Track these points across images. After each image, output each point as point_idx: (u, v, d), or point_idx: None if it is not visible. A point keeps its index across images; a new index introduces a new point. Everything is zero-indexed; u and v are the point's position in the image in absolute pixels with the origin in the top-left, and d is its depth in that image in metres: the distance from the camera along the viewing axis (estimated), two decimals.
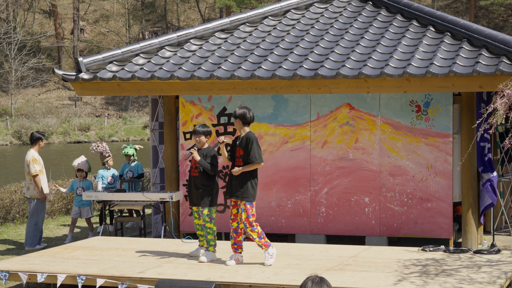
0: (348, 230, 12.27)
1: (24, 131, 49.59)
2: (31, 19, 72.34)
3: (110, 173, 14.55)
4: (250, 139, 9.95)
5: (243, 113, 10.01)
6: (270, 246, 10.01)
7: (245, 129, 10.07)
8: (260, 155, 9.95)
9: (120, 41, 69.46)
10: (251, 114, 10.06)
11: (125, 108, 64.06)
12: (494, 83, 10.56)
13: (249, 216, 9.91)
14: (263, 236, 10.00)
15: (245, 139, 10.00)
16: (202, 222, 10.44)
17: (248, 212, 9.91)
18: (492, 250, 10.66)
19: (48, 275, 9.63)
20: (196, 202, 10.39)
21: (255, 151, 9.91)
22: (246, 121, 10.04)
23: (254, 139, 9.95)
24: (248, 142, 9.94)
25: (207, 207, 10.30)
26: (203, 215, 10.31)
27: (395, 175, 12.03)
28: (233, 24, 13.53)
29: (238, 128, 10.13)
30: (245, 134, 10.04)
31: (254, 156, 9.89)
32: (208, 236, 10.30)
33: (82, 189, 13.93)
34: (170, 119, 13.14)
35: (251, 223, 9.90)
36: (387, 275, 9.21)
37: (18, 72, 59.89)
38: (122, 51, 12.77)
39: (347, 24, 13.09)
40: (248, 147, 9.92)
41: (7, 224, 15.99)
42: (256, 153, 9.90)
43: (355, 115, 12.19)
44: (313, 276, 4.50)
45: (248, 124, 10.10)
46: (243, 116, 10.01)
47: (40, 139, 13.50)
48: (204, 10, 76.35)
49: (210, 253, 10.30)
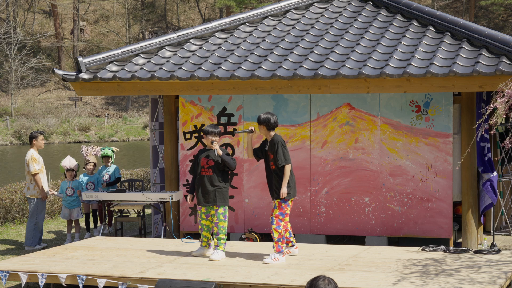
0: (348, 230, 12.27)
1: (24, 131, 49.59)
2: (31, 19, 72.34)
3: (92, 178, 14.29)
4: (276, 142, 10.12)
5: (266, 119, 10.19)
6: (282, 253, 10.06)
7: (271, 133, 10.25)
8: (287, 157, 10.11)
9: (120, 41, 69.46)
10: (275, 119, 10.23)
11: (125, 108, 64.06)
12: (494, 83, 10.56)
13: (280, 214, 10.06)
14: (282, 241, 10.07)
15: (272, 143, 10.17)
16: (209, 223, 10.40)
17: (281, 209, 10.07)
18: (492, 250, 10.66)
19: (49, 275, 9.63)
20: (212, 201, 10.34)
21: (281, 154, 10.06)
22: (270, 126, 10.21)
23: (279, 142, 10.12)
24: (275, 146, 10.11)
25: (222, 206, 10.33)
26: (218, 213, 10.30)
27: (395, 175, 12.03)
28: (233, 24, 13.53)
29: (264, 134, 10.32)
30: (272, 138, 10.20)
31: (280, 159, 10.06)
32: (220, 235, 10.29)
33: (71, 189, 13.83)
34: (170, 119, 13.14)
35: (279, 222, 10.04)
36: (387, 275, 9.21)
37: (18, 72, 59.89)
38: (122, 51, 12.77)
39: (347, 24, 13.09)
40: (276, 150, 10.09)
41: (7, 224, 15.99)
42: (282, 156, 10.06)
43: (355, 115, 12.20)
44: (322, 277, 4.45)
45: (273, 129, 10.25)
46: (267, 122, 10.19)
47: (35, 137, 13.45)
48: (204, 10, 76.36)
49: (221, 251, 10.32)
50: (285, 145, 10.19)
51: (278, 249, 10.02)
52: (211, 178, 10.34)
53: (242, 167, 12.63)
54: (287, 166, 10.05)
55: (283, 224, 10.03)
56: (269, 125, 10.18)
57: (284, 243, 10.11)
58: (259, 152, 10.38)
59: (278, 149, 10.06)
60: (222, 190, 10.34)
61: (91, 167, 14.22)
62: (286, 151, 10.12)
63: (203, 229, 10.51)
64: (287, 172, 10.04)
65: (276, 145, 10.09)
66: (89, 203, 14.33)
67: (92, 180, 14.11)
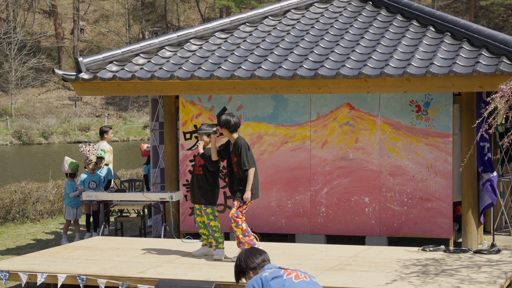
0: (348, 230, 12.27)
1: (24, 131, 49.58)
2: (31, 19, 72.33)
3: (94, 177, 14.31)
4: (239, 146, 9.99)
5: (226, 121, 10.02)
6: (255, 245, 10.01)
7: (234, 136, 10.11)
8: (250, 161, 10.00)
9: (120, 41, 69.45)
10: (235, 120, 10.04)
11: (125, 108, 64.06)
12: (494, 83, 10.55)
13: (237, 213, 9.99)
14: (248, 234, 10.02)
15: (235, 146, 10.05)
16: (204, 219, 10.49)
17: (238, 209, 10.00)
18: (492, 250, 10.66)
19: (48, 275, 9.64)
20: (198, 201, 10.46)
21: (244, 158, 9.96)
22: (231, 128, 10.06)
23: (242, 146, 9.98)
24: (238, 149, 9.99)
25: (210, 206, 10.36)
26: (206, 213, 10.38)
27: (395, 175, 12.03)
28: (233, 24, 13.53)
29: (227, 136, 10.18)
30: (235, 141, 10.08)
31: (244, 163, 9.96)
32: (215, 234, 10.37)
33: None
34: (170, 119, 13.14)
35: (236, 219, 9.98)
36: (387, 275, 9.21)
37: (18, 72, 59.87)
38: (122, 51, 12.77)
39: (347, 24, 13.08)
40: (239, 153, 9.98)
41: (7, 224, 15.99)
42: (246, 160, 9.96)
43: (355, 115, 12.19)
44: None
45: (235, 131, 10.11)
46: (227, 124, 10.03)
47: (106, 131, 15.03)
48: (204, 10, 76.35)
49: (221, 250, 10.38)
50: (249, 148, 10.10)
51: (250, 243, 10.01)
52: (200, 177, 10.45)
53: None
54: (251, 170, 9.98)
55: (241, 218, 10.00)
56: (229, 127, 10.03)
57: (251, 236, 10.07)
58: (223, 153, 10.34)
59: (242, 152, 9.95)
60: (208, 190, 10.39)
61: (93, 166, 14.25)
62: (250, 154, 10.03)
63: (199, 226, 10.62)
64: (250, 176, 9.97)
65: (239, 149, 9.98)
66: (90, 203, 14.32)
67: (94, 178, 14.14)
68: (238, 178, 10.06)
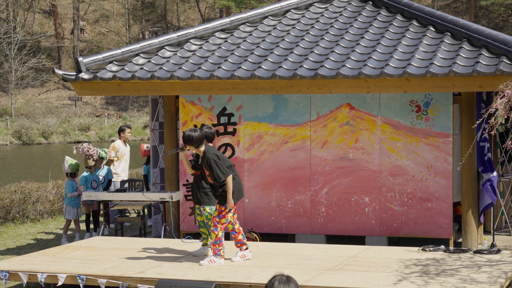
0: (348, 230, 12.27)
1: (24, 131, 49.57)
2: (31, 19, 72.33)
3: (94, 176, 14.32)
4: (208, 160, 9.84)
5: (189, 137, 9.86)
6: (219, 256, 9.98)
7: (201, 149, 9.99)
8: (224, 170, 9.84)
9: (120, 41, 69.44)
10: (197, 135, 9.87)
11: (125, 108, 64.05)
12: (494, 83, 10.56)
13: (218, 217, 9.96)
14: (219, 243, 9.98)
15: (204, 160, 9.92)
16: (204, 218, 10.52)
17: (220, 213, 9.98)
18: (492, 250, 10.66)
19: (48, 275, 9.64)
20: (197, 201, 10.57)
21: (217, 171, 9.82)
22: (196, 144, 9.91)
23: (211, 159, 9.81)
24: (207, 163, 9.86)
25: (208, 206, 10.41)
26: (205, 213, 10.47)
27: (395, 175, 12.03)
28: (233, 24, 13.53)
29: (194, 151, 10.04)
30: (203, 154, 9.95)
31: (218, 176, 9.83)
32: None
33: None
34: (170, 119, 13.14)
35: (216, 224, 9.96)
36: (387, 275, 9.21)
37: (18, 72, 59.87)
38: (122, 51, 12.77)
39: (347, 24, 13.08)
40: (210, 167, 9.86)
41: (7, 224, 15.99)
42: (219, 172, 9.82)
43: (355, 115, 12.19)
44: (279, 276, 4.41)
45: (201, 144, 9.96)
46: (190, 141, 9.87)
47: (123, 130, 15.41)
48: (204, 10, 76.35)
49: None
50: (219, 156, 9.90)
51: (215, 252, 9.99)
52: (199, 178, 10.51)
53: (242, 167, 12.64)
54: (228, 178, 9.87)
55: (220, 226, 9.97)
56: (193, 143, 9.89)
57: (221, 245, 10.02)
58: (197, 165, 10.36)
59: (212, 166, 9.80)
60: (206, 190, 10.45)
61: (94, 161, 14.36)
62: (221, 163, 9.86)
63: (200, 225, 10.67)
64: (229, 184, 9.87)
65: (208, 162, 9.82)
66: (90, 203, 14.32)
67: (95, 177, 14.17)
68: (218, 185, 10.02)
